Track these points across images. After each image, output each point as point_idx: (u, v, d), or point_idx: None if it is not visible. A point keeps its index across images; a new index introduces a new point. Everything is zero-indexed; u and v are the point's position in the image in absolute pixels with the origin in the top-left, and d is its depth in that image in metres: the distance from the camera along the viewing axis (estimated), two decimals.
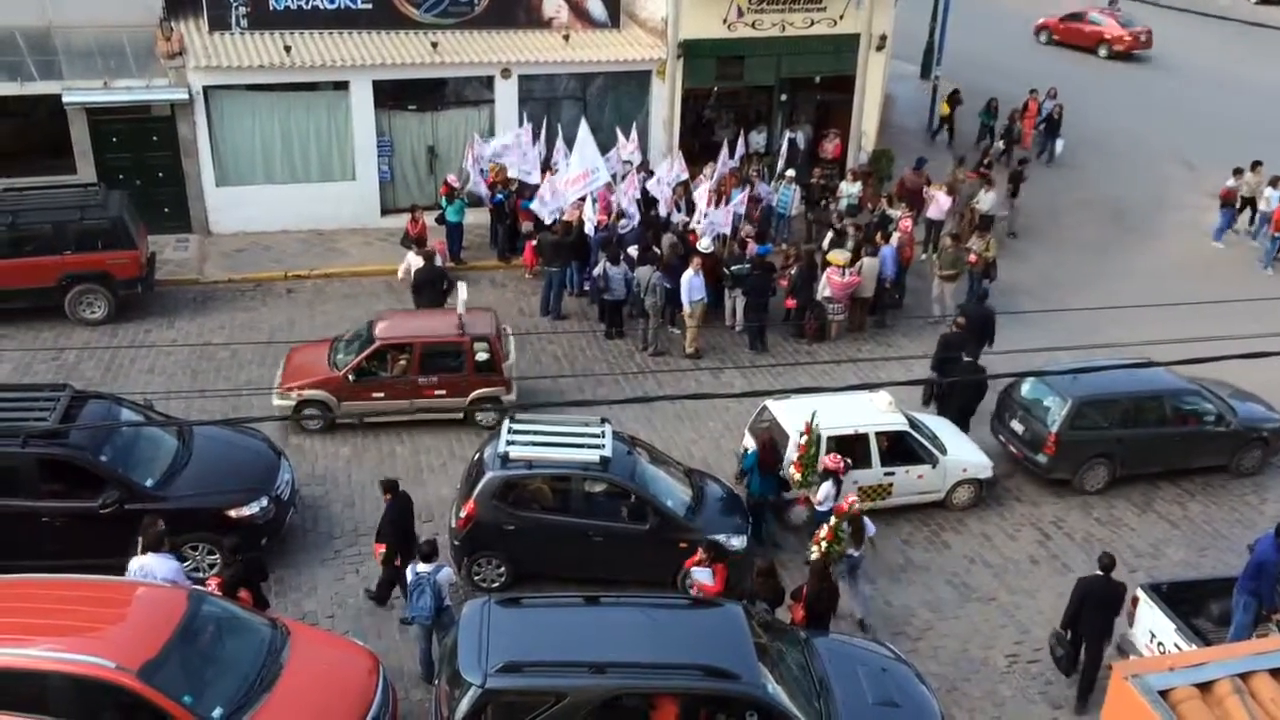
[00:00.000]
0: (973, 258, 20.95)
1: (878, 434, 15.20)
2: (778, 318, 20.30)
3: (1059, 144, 28.73)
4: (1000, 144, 28.24)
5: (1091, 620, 12.40)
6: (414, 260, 19.54)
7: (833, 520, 13.30)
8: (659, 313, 19.35)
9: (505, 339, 17.32)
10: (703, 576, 12.58)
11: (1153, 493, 16.55)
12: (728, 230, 20.58)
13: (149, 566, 11.79)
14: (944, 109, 29.45)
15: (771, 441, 14.77)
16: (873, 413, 15.44)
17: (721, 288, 20.06)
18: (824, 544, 13.13)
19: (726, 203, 20.87)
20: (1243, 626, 12.18)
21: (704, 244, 19.67)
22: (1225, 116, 32.69)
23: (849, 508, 13.35)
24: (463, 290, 17.54)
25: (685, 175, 22.04)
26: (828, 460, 14.35)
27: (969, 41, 33.57)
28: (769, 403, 15.63)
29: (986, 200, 23.45)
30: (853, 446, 15.13)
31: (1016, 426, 16.63)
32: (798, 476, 14.71)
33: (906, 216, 21.70)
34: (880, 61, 25.49)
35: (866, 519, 13.51)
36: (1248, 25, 27.95)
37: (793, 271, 20.08)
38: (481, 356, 16.62)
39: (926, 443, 15.53)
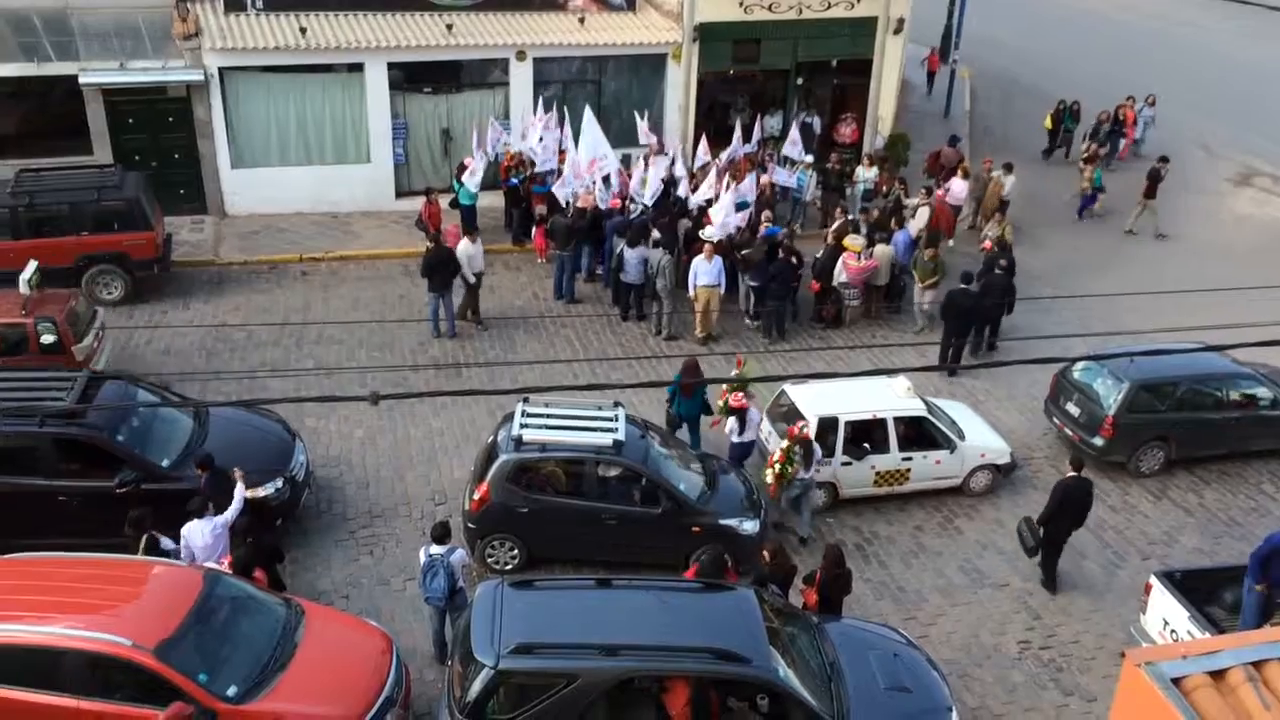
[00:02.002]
0: (986, 244, 20.87)
1: (896, 419, 15.18)
2: (790, 307, 20.23)
3: (1121, 144, 28.11)
4: (1087, 144, 27.20)
5: (1068, 515, 13.76)
6: (465, 246, 19.19)
7: (784, 444, 14.30)
8: (669, 296, 19.33)
9: (88, 322, 16.62)
10: None
11: (1168, 480, 16.49)
12: (741, 223, 20.39)
13: (190, 533, 12.10)
14: (1048, 123, 28.54)
15: (695, 365, 15.70)
16: (891, 398, 15.40)
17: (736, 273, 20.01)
18: (777, 465, 14.26)
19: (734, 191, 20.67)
20: (1249, 608, 12.13)
21: (707, 232, 19.63)
22: (1240, 99, 32.41)
23: (798, 431, 14.30)
24: (29, 269, 16.66)
25: (707, 158, 21.98)
26: (733, 399, 15.05)
27: (987, 25, 33.33)
28: (787, 387, 15.65)
29: (1007, 183, 23.37)
30: (871, 431, 15.14)
31: (1072, 409, 16.63)
32: (720, 403, 15.54)
33: (925, 203, 21.61)
34: (898, 45, 25.34)
35: (815, 443, 14.35)
36: (1265, 9, 27.85)
37: (818, 255, 20.02)
38: (47, 339, 15.88)
39: (944, 428, 15.50)
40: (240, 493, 12.68)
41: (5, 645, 10.33)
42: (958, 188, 22.92)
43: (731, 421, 15.07)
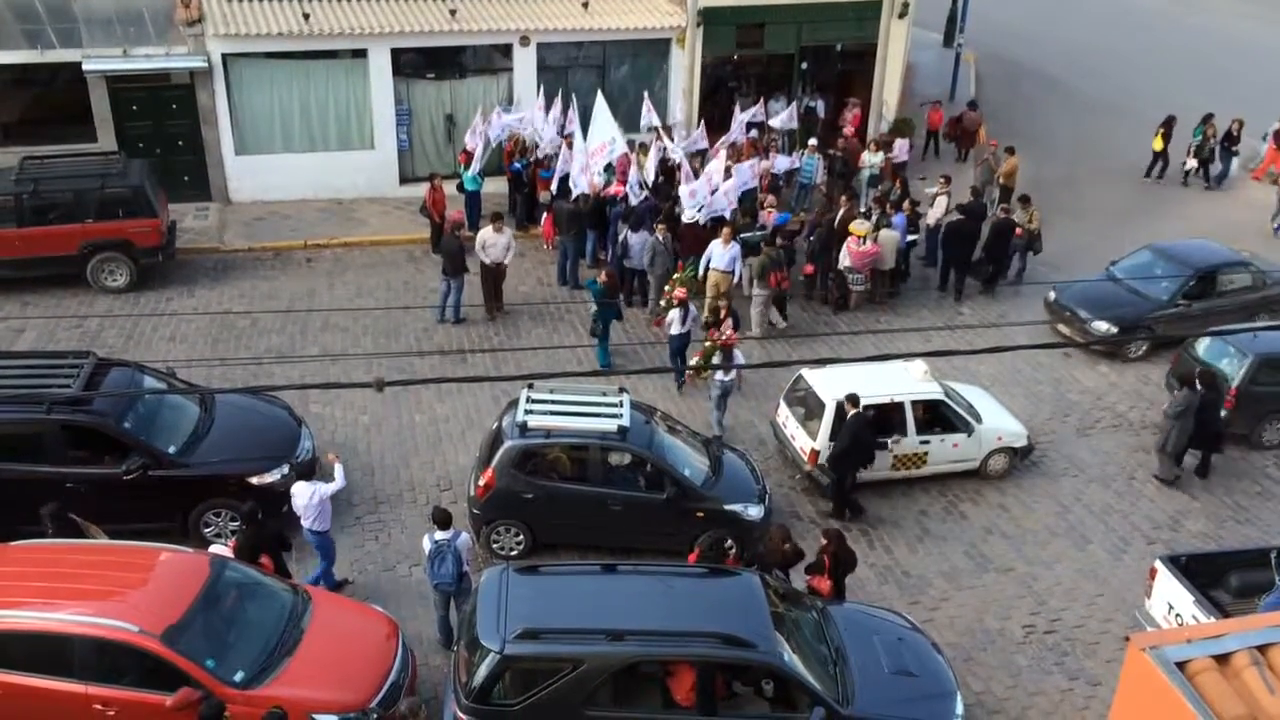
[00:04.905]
0: (1016, 231, 20.76)
1: (914, 402, 15.15)
2: (796, 290, 20.17)
3: (1234, 163, 26.24)
4: (1190, 162, 25.83)
5: (859, 453, 14.47)
6: (487, 233, 19.10)
7: (706, 345, 16.04)
8: (659, 280, 19.30)
9: None
10: None
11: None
12: (728, 212, 20.21)
13: (297, 492, 12.82)
14: (1157, 144, 25.85)
15: (614, 278, 17.53)
16: (909, 381, 15.37)
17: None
18: (696, 360, 16.13)
19: (728, 177, 20.56)
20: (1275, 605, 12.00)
21: (689, 214, 19.59)
22: (1239, 76, 32.20)
23: (717, 337, 15.94)
24: None
25: (704, 144, 21.89)
26: (676, 294, 16.80)
27: (989, 8, 33.12)
28: (804, 371, 15.64)
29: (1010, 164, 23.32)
30: (889, 415, 15.12)
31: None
32: (663, 302, 17.18)
33: (944, 191, 21.48)
34: (902, 29, 25.21)
35: (738, 351, 15.99)
36: None
37: (811, 238, 19.97)
38: None
39: (962, 411, 15.49)
40: (340, 472, 13.08)
41: (14, 631, 10.40)
42: (899, 146, 23.56)
43: (674, 313, 16.68)
